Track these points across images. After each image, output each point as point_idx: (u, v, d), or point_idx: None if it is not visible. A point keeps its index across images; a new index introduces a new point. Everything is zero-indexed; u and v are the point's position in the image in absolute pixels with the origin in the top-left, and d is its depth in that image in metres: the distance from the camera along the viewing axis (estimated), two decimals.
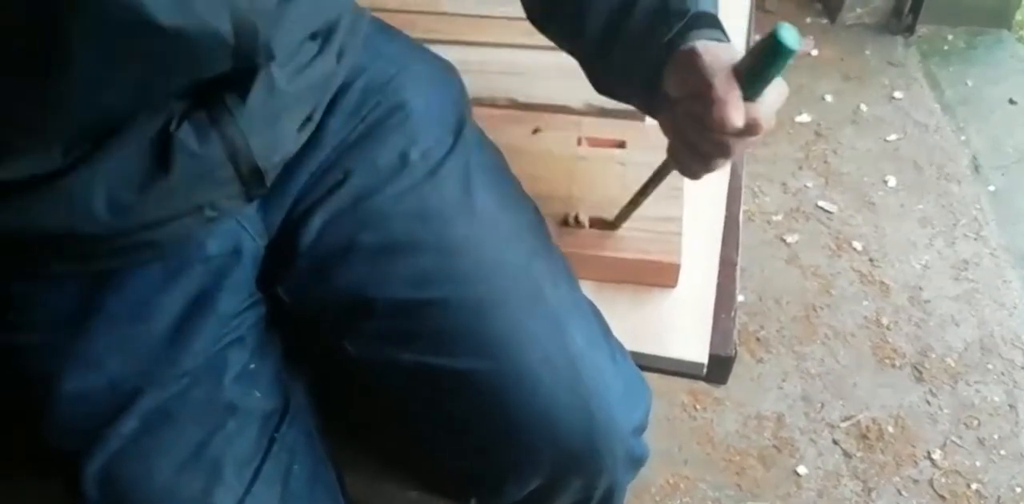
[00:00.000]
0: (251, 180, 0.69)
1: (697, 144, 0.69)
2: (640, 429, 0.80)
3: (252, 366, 0.73)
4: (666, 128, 0.74)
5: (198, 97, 0.65)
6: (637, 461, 0.82)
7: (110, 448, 0.70)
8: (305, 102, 0.73)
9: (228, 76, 0.64)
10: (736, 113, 0.63)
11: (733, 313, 0.89)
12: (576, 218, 0.90)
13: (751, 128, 0.65)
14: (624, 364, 0.80)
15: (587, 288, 0.85)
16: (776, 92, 0.66)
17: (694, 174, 0.75)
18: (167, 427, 0.72)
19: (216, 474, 0.71)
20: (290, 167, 0.76)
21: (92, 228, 0.64)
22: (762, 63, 0.62)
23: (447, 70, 0.89)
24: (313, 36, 0.71)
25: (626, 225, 0.89)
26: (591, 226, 0.90)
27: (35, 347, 0.71)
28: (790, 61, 0.61)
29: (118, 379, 0.70)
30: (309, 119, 0.75)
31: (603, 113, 1.02)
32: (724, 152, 0.68)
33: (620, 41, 0.74)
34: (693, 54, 0.66)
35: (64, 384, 0.69)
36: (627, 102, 0.82)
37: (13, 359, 0.71)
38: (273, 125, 0.69)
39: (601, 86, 0.82)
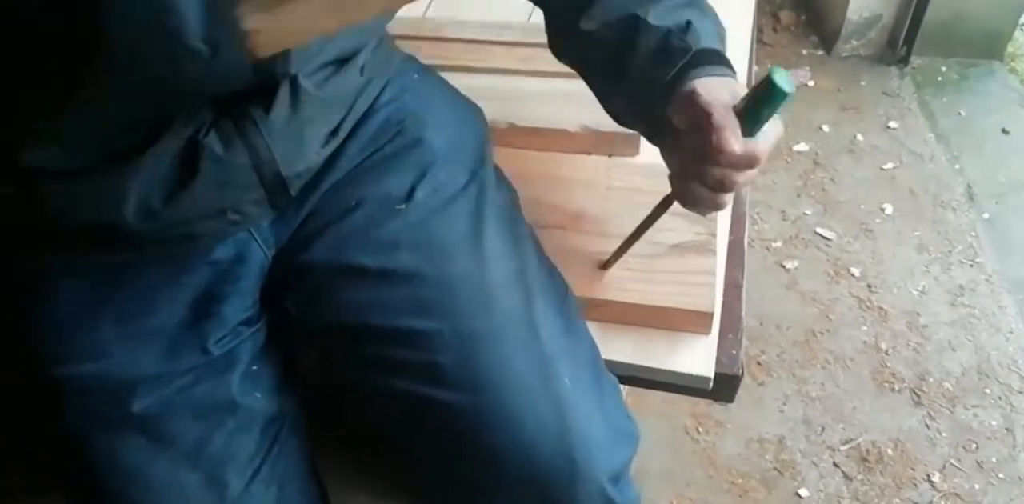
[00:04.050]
0: (274, 187, 0.73)
1: (701, 177, 0.71)
2: (618, 476, 0.79)
3: (255, 367, 0.75)
4: (670, 159, 0.76)
5: (226, 107, 0.68)
6: None
7: (111, 436, 0.73)
8: (329, 115, 0.76)
9: (253, 89, 0.67)
10: (734, 140, 0.67)
11: (740, 334, 0.92)
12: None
13: (750, 160, 0.68)
14: (613, 409, 0.80)
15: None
16: (773, 130, 0.70)
17: (697, 206, 0.76)
18: (169, 420, 0.74)
19: (215, 470, 0.74)
20: (305, 184, 0.79)
21: (120, 224, 0.68)
22: (759, 104, 0.66)
23: (472, 112, 0.93)
24: (339, 53, 0.74)
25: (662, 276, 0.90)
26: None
27: (45, 333, 0.73)
28: (785, 102, 0.65)
29: (123, 369, 0.73)
30: (335, 134, 0.78)
31: (598, 136, 1.05)
32: (726, 185, 0.71)
33: (624, 78, 0.77)
34: (693, 93, 0.70)
35: (70, 370, 0.72)
36: (634, 129, 0.85)
37: (24, 343, 0.74)
38: (297, 135, 0.73)
39: (610, 113, 0.86)
